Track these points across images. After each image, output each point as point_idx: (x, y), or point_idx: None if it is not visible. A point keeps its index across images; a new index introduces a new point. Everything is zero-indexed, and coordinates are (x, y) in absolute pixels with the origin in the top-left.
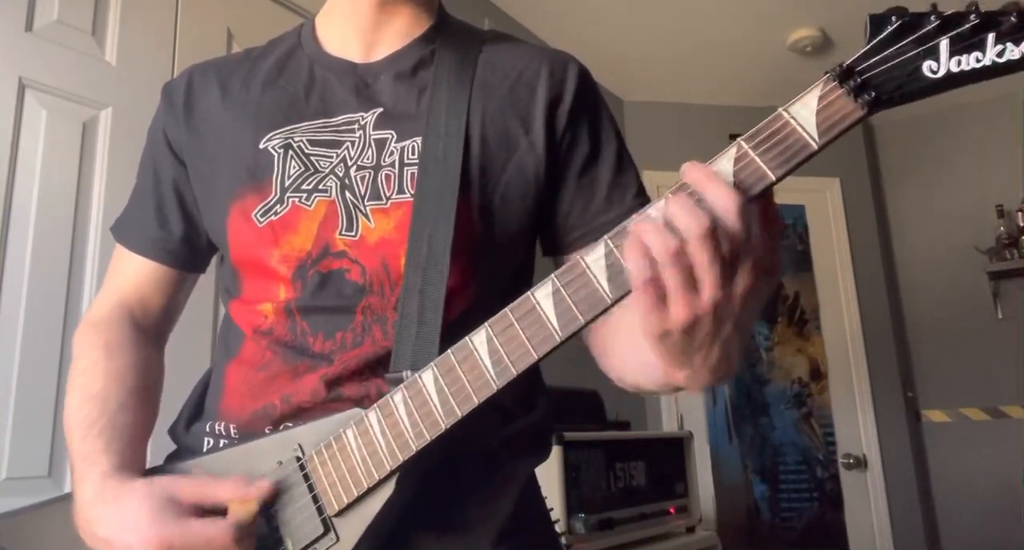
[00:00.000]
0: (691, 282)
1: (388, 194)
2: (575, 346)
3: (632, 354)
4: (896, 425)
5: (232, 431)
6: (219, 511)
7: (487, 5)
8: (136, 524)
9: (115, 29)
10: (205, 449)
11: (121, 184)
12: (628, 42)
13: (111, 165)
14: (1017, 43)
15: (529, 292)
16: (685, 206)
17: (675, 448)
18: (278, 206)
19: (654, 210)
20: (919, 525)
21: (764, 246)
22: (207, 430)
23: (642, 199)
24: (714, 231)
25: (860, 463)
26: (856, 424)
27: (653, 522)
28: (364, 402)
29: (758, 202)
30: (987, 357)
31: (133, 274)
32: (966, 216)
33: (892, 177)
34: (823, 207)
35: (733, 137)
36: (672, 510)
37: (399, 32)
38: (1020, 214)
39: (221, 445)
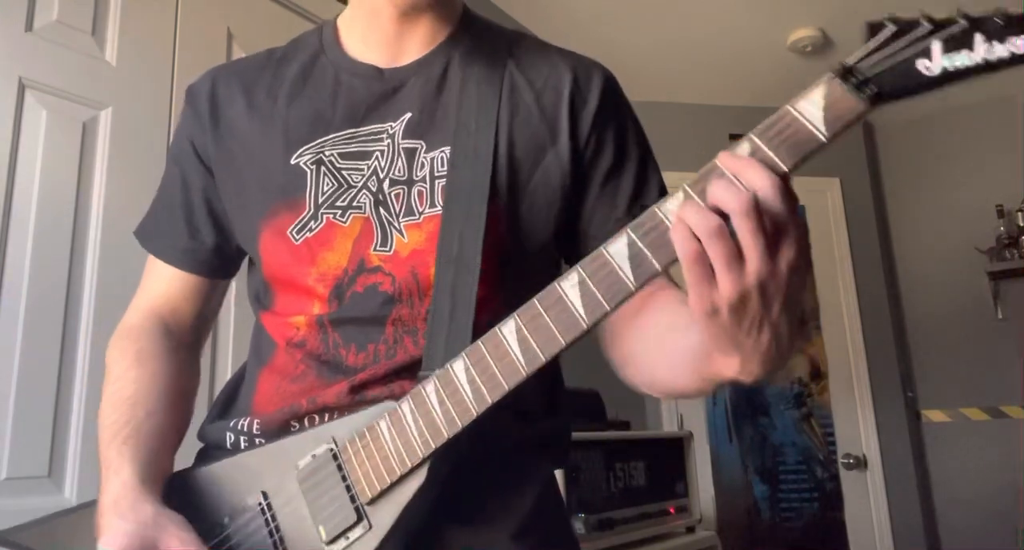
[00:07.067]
0: (736, 256)
1: (421, 210)
2: (575, 346)
3: (664, 356)
4: (896, 425)
5: (255, 427)
6: None
7: (488, 6)
8: (116, 545)
9: (115, 29)
10: (228, 444)
11: (121, 184)
12: (628, 42)
13: (111, 165)
14: (1003, 42)
15: (555, 282)
16: (726, 186)
17: (675, 448)
18: (312, 222)
19: (670, 203)
20: (919, 525)
21: (797, 224)
22: (230, 426)
23: None
24: (756, 205)
25: (860, 463)
26: (856, 424)
27: (653, 522)
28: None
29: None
30: (987, 357)
31: (165, 282)
32: (966, 216)
33: (892, 177)
34: (823, 207)
35: (733, 137)
36: (672, 510)
37: (424, 38)
38: (1020, 214)
39: (241, 441)
